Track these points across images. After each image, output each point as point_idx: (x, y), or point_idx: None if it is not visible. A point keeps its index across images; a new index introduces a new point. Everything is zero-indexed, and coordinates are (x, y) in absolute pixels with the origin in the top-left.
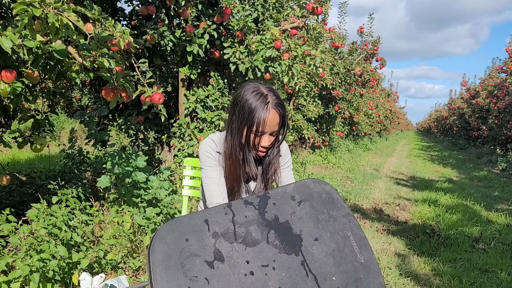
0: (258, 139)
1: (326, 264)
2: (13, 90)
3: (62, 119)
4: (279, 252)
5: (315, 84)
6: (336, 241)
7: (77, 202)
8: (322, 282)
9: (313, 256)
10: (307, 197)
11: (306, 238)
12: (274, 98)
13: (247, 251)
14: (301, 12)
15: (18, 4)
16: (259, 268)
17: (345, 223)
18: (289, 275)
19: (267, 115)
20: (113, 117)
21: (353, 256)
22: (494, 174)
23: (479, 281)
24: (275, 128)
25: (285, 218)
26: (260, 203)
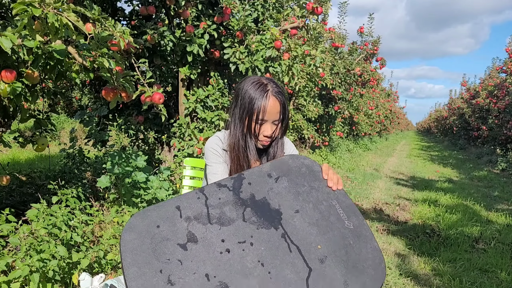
0: (260, 128)
1: (309, 234)
2: (13, 90)
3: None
4: (256, 228)
5: (315, 84)
6: (320, 211)
7: (77, 202)
8: (306, 252)
9: (295, 227)
10: (285, 173)
11: (286, 211)
12: (274, 87)
13: (222, 230)
14: (301, 12)
15: (18, 4)
16: (236, 245)
17: (329, 192)
18: (268, 248)
19: (267, 103)
20: (113, 117)
21: (340, 223)
22: (494, 174)
23: (479, 281)
24: (276, 116)
25: (262, 195)
26: (234, 184)
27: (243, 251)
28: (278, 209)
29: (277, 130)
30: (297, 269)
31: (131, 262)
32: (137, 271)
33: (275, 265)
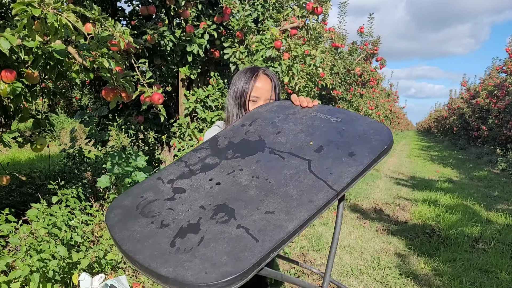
0: (255, 105)
1: (297, 141)
2: (13, 90)
3: (62, 119)
4: (242, 158)
5: (315, 84)
6: (302, 123)
7: (77, 202)
8: (299, 152)
9: (281, 142)
10: (257, 117)
11: (268, 137)
12: (264, 69)
13: (208, 173)
14: (301, 12)
15: (18, 4)
16: (225, 176)
17: (306, 110)
18: (260, 165)
19: (257, 80)
20: (113, 117)
21: (326, 122)
22: (494, 174)
23: (479, 281)
24: (269, 94)
25: (240, 138)
26: (210, 144)
27: (234, 177)
28: (259, 139)
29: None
30: (295, 165)
31: (120, 229)
32: (128, 233)
33: (271, 173)
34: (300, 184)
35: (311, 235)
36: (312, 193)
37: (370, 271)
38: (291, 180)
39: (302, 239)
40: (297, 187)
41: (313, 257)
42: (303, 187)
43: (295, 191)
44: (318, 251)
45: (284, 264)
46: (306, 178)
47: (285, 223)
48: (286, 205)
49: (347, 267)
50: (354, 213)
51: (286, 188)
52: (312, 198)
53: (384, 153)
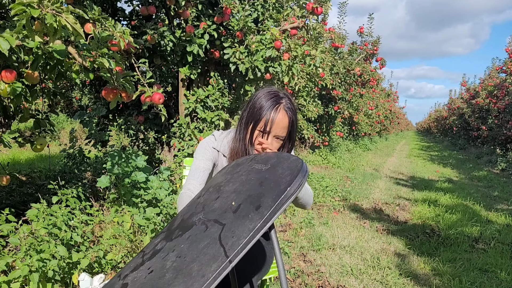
0: (262, 138)
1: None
2: (13, 90)
3: (62, 119)
4: (181, 236)
5: (315, 84)
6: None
7: (77, 202)
8: (222, 216)
9: (214, 209)
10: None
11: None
12: (288, 102)
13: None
14: (301, 12)
15: (17, 4)
16: (159, 262)
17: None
18: (189, 240)
19: (276, 114)
20: (113, 117)
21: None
22: (494, 174)
23: (479, 281)
24: (282, 132)
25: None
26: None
27: (164, 261)
28: (200, 210)
29: (276, 145)
30: (211, 234)
31: None
32: None
33: (191, 249)
34: (205, 256)
35: (311, 235)
36: (209, 266)
37: (370, 271)
38: (201, 253)
39: (302, 239)
40: (201, 261)
41: (313, 257)
42: (206, 259)
43: (197, 266)
44: (318, 251)
45: (284, 264)
46: (212, 248)
47: None
48: (183, 285)
49: (347, 267)
50: (354, 213)
51: (193, 264)
52: (205, 272)
53: (287, 198)
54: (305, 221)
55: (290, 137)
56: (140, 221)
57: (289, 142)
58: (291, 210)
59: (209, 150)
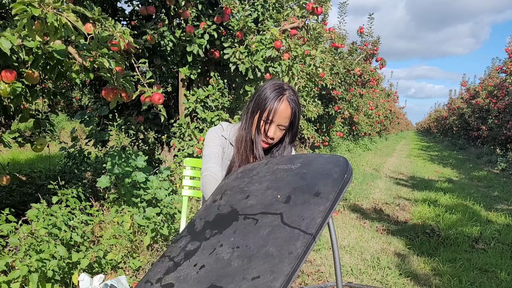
0: (266, 126)
1: (266, 197)
2: (13, 90)
3: (62, 119)
4: (220, 233)
5: (315, 84)
6: (267, 180)
7: (77, 202)
8: (269, 209)
9: (251, 206)
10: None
11: (238, 204)
12: (291, 94)
13: (192, 260)
14: (301, 12)
15: (17, 4)
16: (208, 257)
17: (268, 167)
18: (238, 235)
19: (279, 104)
20: (113, 117)
21: (287, 171)
22: (494, 174)
23: (479, 281)
24: (284, 121)
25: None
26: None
27: (216, 255)
28: (231, 210)
29: (280, 134)
30: (269, 223)
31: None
32: None
33: (249, 239)
34: (277, 239)
35: None
36: (291, 245)
37: (370, 271)
38: (269, 238)
39: None
40: (276, 244)
41: (313, 257)
42: (281, 241)
43: (274, 248)
44: (318, 251)
45: None
46: (282, 232)
47: (272, 283)
48: (269, 265)
49: (347, 267)
50: (354, 213)
51: (266, 248)
52: (291, 250)
53: (346, 183)
54: None
55: (292, 127)
56: (140, 221)
57: (291, 132)
58: None
59: (218, 138)
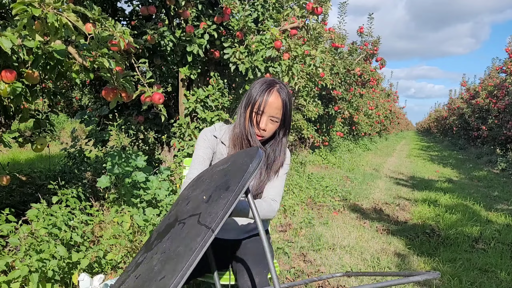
0: (258, 118)
1: (197, 201)
2: (13, 90)
3: (62, 119)
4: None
5: (315, 84)
6: (205, 184)
7: (77, 202)
8: (196, 210)
9: (187, 210)
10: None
11: (181, 211)
12: (281, 86)
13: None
14: (301, 12)
15: (18, 4)
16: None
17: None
18: (170, 239)
19: (269, 96)
20: (113, 117)
21: (220, 172)
22: (494, 174)
23: (479, 281)
24: (275, 113)
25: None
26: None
27: (149, 263)
28: (175, 218)
29: (272, 127)
30: (190, 224)
31: None
32: None
33: (174, 242)
34: (189, 238)
35: (311, 235)
36: (194, 241)
37: (370, 271)
38: (185, 238)
39: (302, 239)
40: (185, 243)
41: (313, 257)
42: (189, 239)
43: (183, 247)
44: (318, 251)
45: (284, 264)
46: (194, 231)
47: (169, 281)
48: (174, 264)
49: (347, 267)
50: (354, 213)
51: (179, 248)
52: (192, 246)
53: (250, 173)
54: (305, 221)
55: (284, 120)
56: (139, 221)
57: (283, 124)
58: (291, 210)
59: (207, 139)
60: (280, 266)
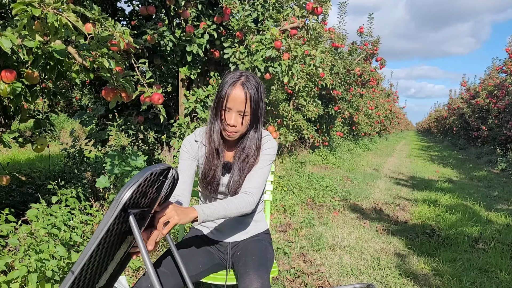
0: (226, 115)
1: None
2: (13, 90)
3: (62, 119)
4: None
5: (315, 84)
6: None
7: (76, 202)
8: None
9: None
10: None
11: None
12: (246, 79)
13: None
14: (301, 12)
15: (18, 4)
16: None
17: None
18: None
19: (232, 90)
20: (113, 117)
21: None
22: (494, 174)
23: (479, 281)
24: (241, 106)
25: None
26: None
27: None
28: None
29: (241, 121)
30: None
31: None
32: None
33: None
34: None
35: (311, 235)
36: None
37: (370, 271)
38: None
39: (302, 239)
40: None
41: (313, 257)
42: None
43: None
44: (318, 251)
45: (284, 264)
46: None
47: None
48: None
49: (347, 267)
50: (354, 213)
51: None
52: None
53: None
54: (305, 221)
55: (255, 113)
56: None
57: (251, 115)
58: (291, 210)
59: (186, 150)
60: (280, 266)
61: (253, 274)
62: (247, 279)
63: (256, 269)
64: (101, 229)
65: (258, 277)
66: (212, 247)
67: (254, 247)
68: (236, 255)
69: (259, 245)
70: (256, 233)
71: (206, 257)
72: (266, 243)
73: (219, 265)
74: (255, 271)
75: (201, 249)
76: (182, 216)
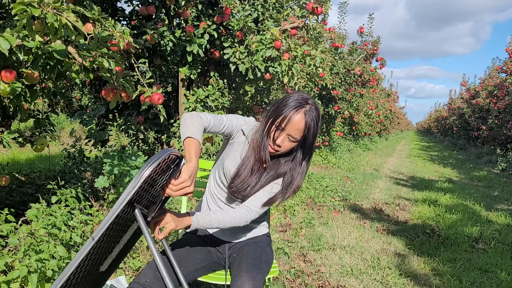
0: (276, 133)
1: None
2: (13, 90)
3: (62, 119)
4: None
5: (315, 84)
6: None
7: (76, 202)
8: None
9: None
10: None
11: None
12: (311, 108)
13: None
14: (301, 12)
15: (17, 4)
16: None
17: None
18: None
19: (294, 115)
20: (113, 117)
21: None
22: (494, 174)
23: (479, 281)
24: (295, 133)
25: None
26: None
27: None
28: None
29: (288, 145)
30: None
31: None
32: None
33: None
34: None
35: (311, 235)
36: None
37: (370, 271)
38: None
39: (302, 239)
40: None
41: (313, 257)
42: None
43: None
44: (318, 251)
45: (284, 264)
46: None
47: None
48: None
49: (347, 267)
50: (354, 213)
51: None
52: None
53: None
54: (305, 221)
55: (305, 143)
56: None
57: (303, 148)
58: (291, 210)
59: (243, 122)
60: (280, 266)
61: (245, 276)
62: (239, 281)
63: (248, 271)
64: (123, 199)
65: (249, 278)
66: (210, 246)
67: (249, 249)
68: (232, 256)
69: (254, 246)
70: (254, 236)
71: (204, 254)
72: (263, 244)
73: (217, 264)
74: (247, 272)
75: (199, 246)
76: (178, 223)
